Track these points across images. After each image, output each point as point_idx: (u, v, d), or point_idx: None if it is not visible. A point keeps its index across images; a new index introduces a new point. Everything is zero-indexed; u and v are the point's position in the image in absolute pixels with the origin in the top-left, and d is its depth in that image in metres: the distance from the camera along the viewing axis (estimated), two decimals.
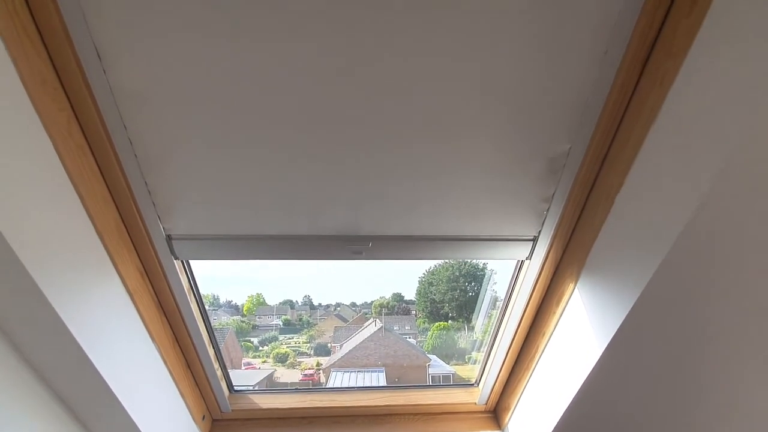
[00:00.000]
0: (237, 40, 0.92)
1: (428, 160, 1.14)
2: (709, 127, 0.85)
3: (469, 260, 1.44)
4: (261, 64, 0.96)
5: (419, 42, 0.94)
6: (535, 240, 1.34)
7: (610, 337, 1.19)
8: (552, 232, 1.31)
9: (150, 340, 1.37)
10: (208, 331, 1.60)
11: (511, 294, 1.54)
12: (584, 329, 1.29)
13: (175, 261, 1.32)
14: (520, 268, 1.47)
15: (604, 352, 1.22)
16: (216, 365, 1.69)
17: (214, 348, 1.67)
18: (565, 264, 1.36)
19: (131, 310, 1.27)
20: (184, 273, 1.41)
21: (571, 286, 1.34)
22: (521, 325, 1.56)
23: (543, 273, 1.40)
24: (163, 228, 1.24)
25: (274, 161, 1.12)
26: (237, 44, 0.93)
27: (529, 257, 1.38)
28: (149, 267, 1.31)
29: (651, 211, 1.01)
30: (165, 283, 1.36)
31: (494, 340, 1.71)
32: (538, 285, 1.43)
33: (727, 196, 0.86)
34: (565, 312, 1.39)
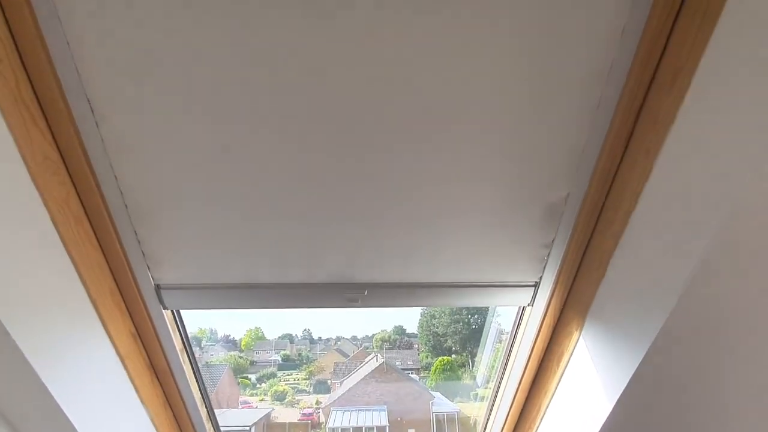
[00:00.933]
0: (227, 83, 0.91)
1: (425, 204, 1.12)
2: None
3: (471, 306, 1.40)
4: (251, 111, 0.95)
5: (412, 85, 0.93)
6: (536, 286, 1.30)
7: (620, 391, 1.12)
8: (554, 278, 1.26)
9: (141, 404, 1.31)
10: (200, 390, 1.53)
11: (513, 341, 1.48)
12: (591, 382, 1.23)
13: (164, 311, 1.28)
14: (523, 313, 1.41)
15: (614, 407, 1.15)
16: (208, 426, 1.62)
17: (207, 409, 1.60)
18: (568, 311, 1.31)
19: (123, 376, 1.23)
20: (175, 326, 1.36)
21: (576, 334, 1.28)
22: (525, 376, 1.49)
23: (546, 320, 1.34)
24: (152, 277, 1.21)
25: (266, 208, 1.10)
26: (227, 88, 0.92)
27: (532, 303, 1.33)
28: (139, 322, 1.26)
29: (656, 256, 0.97)
30: (155, 338, 1.30)
31: (497, 391, 1.63)
32: (541, 332, 1.37)
33: (735, 239, 0.82)
34: (570, 363, 1.33)
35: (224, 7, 0.83)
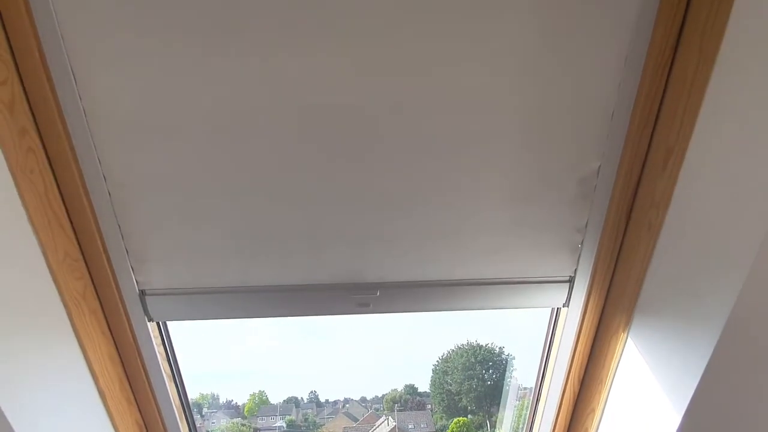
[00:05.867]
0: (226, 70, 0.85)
1: (442, 187, 1.01)
2: None
3: (497, 309, 1.22)
4: (249, 94, 0.88)
5: (427, 56, 0.87)
6: (571, 281, 1.14)
7: (689, 399, 0.93)
8: (590, 270, 1.11)
9: None
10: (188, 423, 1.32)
11: (549, 353, 1.29)
12: (650, 392, 1.03)
13: (149, 324, 1.12)
14: (557, 317, 1.24)
15: (683, 420, 0.95)
16: None
17: None
18: (611, 308, 1.14)
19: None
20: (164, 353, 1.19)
21: (622, 335, 1.11)
22: (566, 394, 1.28)
23: (585, 322, 1.17)
24: (136, 281, 1.06)
25: (263, 198, 0.99)
26: (225, 74, 0.86)
27: (567, 303, 1.17)
28: (119, 336, 1.10)
29: (712, 231, 0.84)
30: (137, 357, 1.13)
31: (533, 419, 1.40)
32: (581, 338, 1.19)
33: None
34: (618, 371, 1.14)
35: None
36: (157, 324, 1.17)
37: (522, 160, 0.99)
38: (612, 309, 1.14)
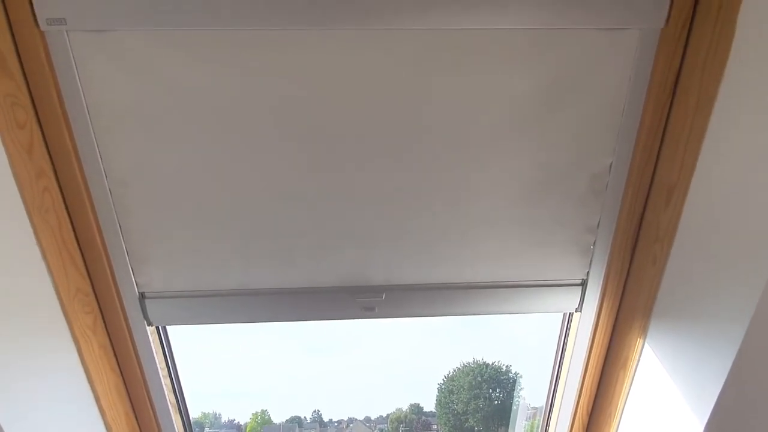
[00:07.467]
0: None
1: (449, 187, 0.99)
2: None
3: (507, 313, 1.18)
4: (254, 96, 0.87)
5: (437, 54, 0.86)
6: (584, 285, 1.10)
7: (711, 407, 0.88)
8: (603, 273, 1.08)
9: None
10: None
11: (561, 361, 1.24)
12: (669, 401, 0.98)
13: (148, 328, 1.08)
14: (569, 324, 1.20)
15: (705, 430, 0.90)
16: None
17: None
18: (626, 313, 1.10)
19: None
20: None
21: (639, 342, 1.06)
22: (580, 405, 1.23)
23: (599, 327, 1.13)
24: (136, 283, 1.04)
25: (266, 197, 0.97)
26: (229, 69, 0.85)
27: (580, 308, 1.13)
28: (117, 341, 1.07)
29: (730, 228, 0.80)
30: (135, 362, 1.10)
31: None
32: (595, 344, 1.14)
33: None
34: (635, 380, 1.09)
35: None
36: (158, 334, 1.14)
37: (531, 154, 0.96)
38: (627, 313, 1.09)
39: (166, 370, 1.18)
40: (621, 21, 0.83)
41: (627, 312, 1.09)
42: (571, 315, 1.17)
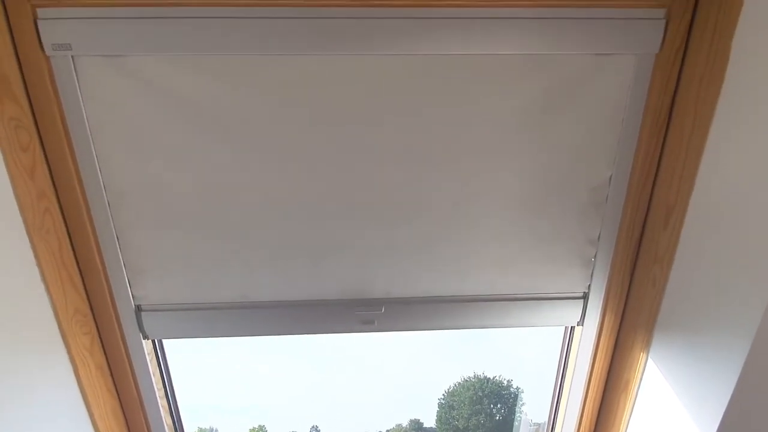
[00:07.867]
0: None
1: (450, 199, 0.98)
2: None
3: (508, 327, 1.16)
4: (251, 106, 0.87)
5: (433, 66, 0.86)
6: (585, 298, 1.09)
7: (717, 424, 0.86)
8: (605, 286, 1.06)
9: None
10: None
11: (563, 376, 1.22)
12: (673, 418, 0.96)
13: (144, 342, 1.07)
14: (571, 339, 1.18)
15: None
16: None
17: None
18: (628, 327, 1.08)
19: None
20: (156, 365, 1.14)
21: (642, 357, 1.04)
22: (582, 423, 1.20)
23: (602, 342, 1.11)
24: (132, 296, 1.02)
25: (264, 209, 0.96)
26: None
27: (581, 321, 1.11)
28: (112, 355, 1.05)
29: (733, 240, 0.80)
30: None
31: None
32: (597, 359, 1.13)
33: None
34: (639, 396, 1.07)
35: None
36: (155, 349, 1.12)
37: (532, 167, 0.96)
38: (630, 328, 1.08)
39: (161, 383, 1.16)
40: (616, 46, 0.85)
41: (629, 326, 1.08)
42: (573, 329, 1.16)
